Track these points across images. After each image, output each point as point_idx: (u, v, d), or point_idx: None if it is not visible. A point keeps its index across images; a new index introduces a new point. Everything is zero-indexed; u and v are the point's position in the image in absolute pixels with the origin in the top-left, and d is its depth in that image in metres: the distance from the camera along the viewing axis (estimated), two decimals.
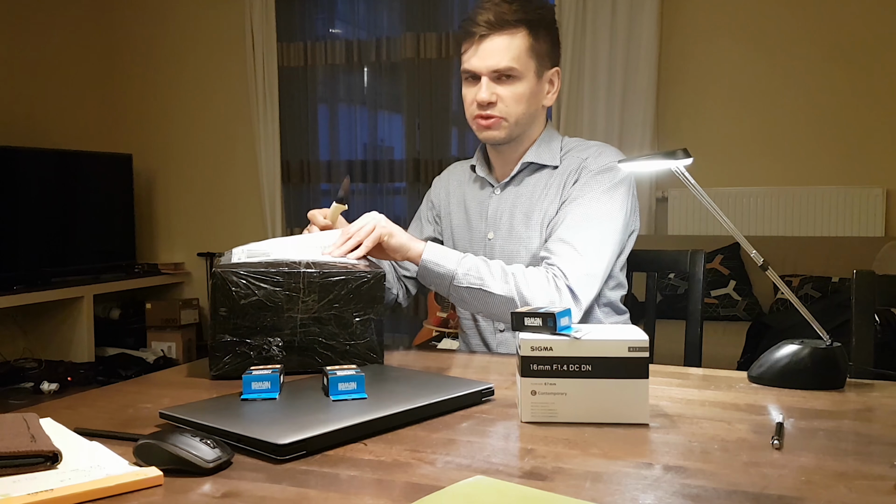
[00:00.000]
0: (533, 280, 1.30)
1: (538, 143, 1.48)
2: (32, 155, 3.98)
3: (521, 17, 1.37)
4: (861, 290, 1.32)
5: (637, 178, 1.46)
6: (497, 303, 1.30)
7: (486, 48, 1.38)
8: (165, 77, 4.67)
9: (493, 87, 1.40)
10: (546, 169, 1.47)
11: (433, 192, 1.66)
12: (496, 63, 1.38)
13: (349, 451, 0.81)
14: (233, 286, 1.12)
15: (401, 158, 4.32)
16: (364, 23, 4.37)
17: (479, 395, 1.00)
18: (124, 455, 0.76)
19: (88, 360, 3.99)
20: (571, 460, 0.78)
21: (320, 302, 1.15)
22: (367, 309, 1.18)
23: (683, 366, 1.39)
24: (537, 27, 1.39)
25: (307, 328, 1.16)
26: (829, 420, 0.92)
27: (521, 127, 1.44)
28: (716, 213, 1.12)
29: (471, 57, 1.41)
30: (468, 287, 1.31)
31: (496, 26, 1.37)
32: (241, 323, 1.14)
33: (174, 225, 4.76)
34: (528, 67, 1.40)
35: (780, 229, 3.64)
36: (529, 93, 1.41)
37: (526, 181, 1.49)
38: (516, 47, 1.38)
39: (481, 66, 1.39)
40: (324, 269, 1.16)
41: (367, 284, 1.17)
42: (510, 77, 1.39)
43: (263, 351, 1.15)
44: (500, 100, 1.40)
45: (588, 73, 3.78)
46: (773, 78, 3.65)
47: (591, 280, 1.33)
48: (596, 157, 1.43)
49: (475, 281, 1.30)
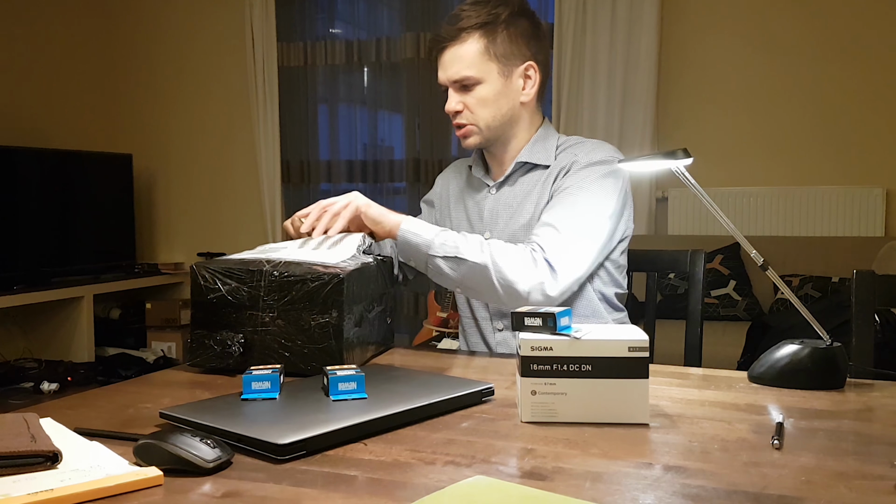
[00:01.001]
0: (510, 251, 1.30)
1: (532, 143, 1.49)
2: (32, 155, 3.98)
3: (473, 24, 1.40)
4: (861, 290, 1.32)
5: (637, 178, 1.46)
6: (472, 271, 1.30)
7: (444, 61, 1.43)
8: (165, 77, 4.67)
9: (458, 96, 1.44)
10: (540, 168, 1.47)
11: (434, 191, 1.68)
12: (454, 73, 1.42)
13: (349, 451, 0.81)
14: (201, 279, 1.16)
15: (401, 158, 4.32)
16: (364, 23, 4.37)
17: (479, 395, 1.00)
18: (124, 455, 0.76)
19: (88, 360, 3.99)
20: (571, 460, 0.78)
21: (279, 302, 1.14)
22: (326, 312, 1.12)
23: (683, 366, 1.39)
24: (493, 28, 1.40)
25: (267, 328, 1.14)
26: (829, 420, 0.92)
27: (497, 130, 1.45)
28: (716, 213, 1.12)
29: (438, 71, 1.45)
30: (444, 256, 1.31)
31: (448, 38, 1.42)
32: (208, 317, 1.16)
33: (174, 225, 4.76)
34: (488, 70, 1.41)
35: (780, 229, 3.64)
36: (495, 95, 1.43)
37: (520, 181, 1.49)
38: (469, 53, 1.40)
39: (444, 78, 1.44)
40: (286, 268, 1.14)
41: (326, 287, 1.12)
42: (470, 83, 1.42)
43: (226, 346, 1.15)
44: (466, 107, 1.44)
45: (588, 73, 3.78)
46: (773, 78, 3.65)
47: (571, 256, 1.31)
48: (588, 153, 1.43)
49: (451, 250, 1.31)
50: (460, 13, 1.41)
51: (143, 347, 4.31)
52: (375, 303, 1.27)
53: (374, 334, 1.28)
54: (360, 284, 1.20)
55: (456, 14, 1.42)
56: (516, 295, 1.28)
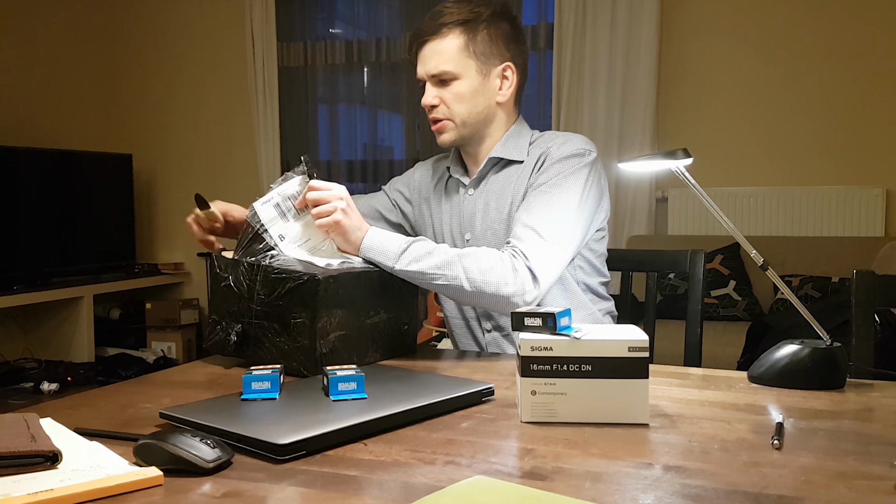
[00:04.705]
0: (485, 260, 1.27)
1: (505, 139, 1.49)
2: (32, 155, 3.99)
3: (454, 20, 1.41)
4: (861, 290, 1.32)
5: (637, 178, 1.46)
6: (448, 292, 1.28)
7: (423, 55, 1.44)
8: (165, 77, 4.67)
9: (434, 90, 1.44)
10: (514, 164, 1.47)
11: (412, 184, 1.64)
12: (433, 67, 1.42)
13: (349, 451, 0.81)
14: (217, 267, 1.22)
15: (401, 158, 4.32)
16: (364, 23, 4.37)
17: (479, 395, 1.00)
18: (124, 455, 0.76)
19: (88, 360, 3.99)
20: (571, 460, 0.78)
21: (268, 297, 1.16)
22: (303, 311, 1.13)
23: (683, 366, 1.39)
24: (474, 26, 1.41)
25: (260, 321, 1.17)
26: (829, 420, 0.92)
27: (472, 127, 1.46)
28: (716, 213, 1.12)
29: (416, 65, 1.46)
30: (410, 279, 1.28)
31: (429, 32, 1.43)
32: (220, 304, 1.21)
33: (174, 225, 4.76)
34: (466, 66, 1.42)
35: (780, 229, 3.64)
36: (471, 91, 1.43)
37: (494, 178, 1.49)
38: (449, 49, 1.41)
39: (421, 72, 1.45)
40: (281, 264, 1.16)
41: (302, 287, 1.13)
42: (447, 79, 1.42)
43: (228, 334, 1.18)
44: (442, 102, 1.44)
45: (588, 73, 3.78)
46: (773, 78, 3.65)
47: (553, 264, 1.32)
48: (560, 146, 1.42)
49: (415, 276, 1.26)
50: (443, 9, 1.43)
51: (142, 347, 4.31)
52: (380, 308, 1.25)
53: (377, 340, 1.25)
54: (351, 288, 1.19)
55: (438, 10, 1.43)
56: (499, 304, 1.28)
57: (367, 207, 1.64)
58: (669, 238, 3.71)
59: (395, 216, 1.65)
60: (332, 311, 1.15)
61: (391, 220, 1.64)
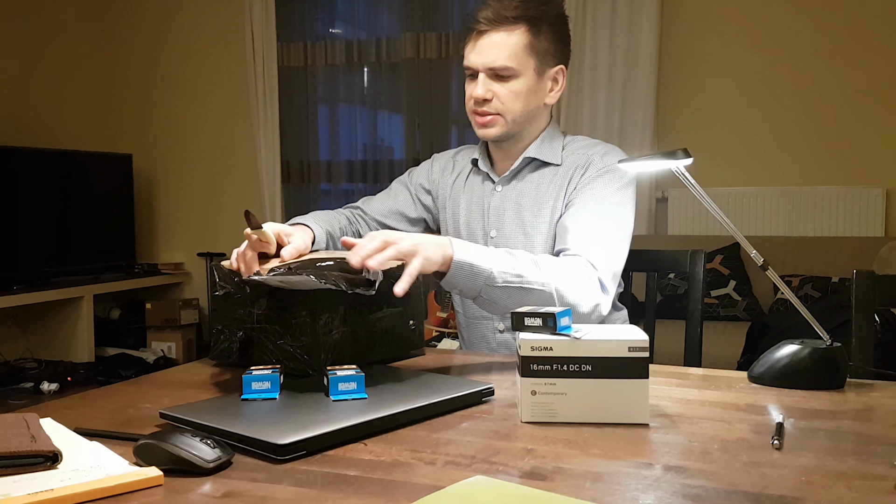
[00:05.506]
0: (569, 273, 1.23)
1: (541, 140, 1.47)
2: (32, 155, 3.98)
3: (520, 14, 1.36)
4: (861, 290, 1.32)
5: (637, 178, 1.46)
6: (535, 298, 1.18)
7: (483, 44, 1.38)
8: (165, 77, 4.67)
9: (489, 83, 1.39)
10: (549, 167, 1.46)
11: (432, 177, 1.61)
12: (492, 60, 1.37)
13: (349, 451, 0.81)
14: (216, 276, 1.21)
15: (401, 158, 4.32)
16: (364, 23, 4.37)
17: (479, 395, 0.99)
18: (124, 455, 0.76)
19: (88, 360, 3.99)
20: (571, 460, 0.78)
21: (269, 298, 1.16)
22: (303, 310, 1.13)
23: (683, 366, 1.39)
24: (538, 24, 1.38)
25: (262, 325, 1.16)
26: (829, 420, 0.92)
27: (519, 125, 1.43)
28: (716, 213, 1.12)
29: (469, 53, 1.41)
30: (504, 286, 1.16)
31: (494, 22, 1.37)
32: (221, 313, 1.20)
33: (174, 225, 4.76)
34: (527, 65, 1.38)
35: (780, 229, 3.64)
36: (527, 90, 1.40)
37: (528, 177, 1.48)
38: (513, 44, 1.37)
39: (478, 63, 1.39)
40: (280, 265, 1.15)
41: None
42: (507, 75, 1.38)
43: (231, 342, 1.18)
44: (496, 97, 1.40)
45: (588, 73, 3.78)
46: (773, 78, 3.65)
47: (616, 275, 1.34)
48: (602, 156, 1.43)
49: (513, 279, 1.16)
50: (504, 1, 1.37)
51: (142, 347, 4.31)
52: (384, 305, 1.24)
53: (385, 337, 1.24)
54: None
55: (499, 0, 1.37)
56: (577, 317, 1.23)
57: (387, 210, 1.60)
58: (669, 238, 3.71)
59: (416, 212, 1.61)
60: (334, 308, 1.15)
61: (412, 218, 1.61)
